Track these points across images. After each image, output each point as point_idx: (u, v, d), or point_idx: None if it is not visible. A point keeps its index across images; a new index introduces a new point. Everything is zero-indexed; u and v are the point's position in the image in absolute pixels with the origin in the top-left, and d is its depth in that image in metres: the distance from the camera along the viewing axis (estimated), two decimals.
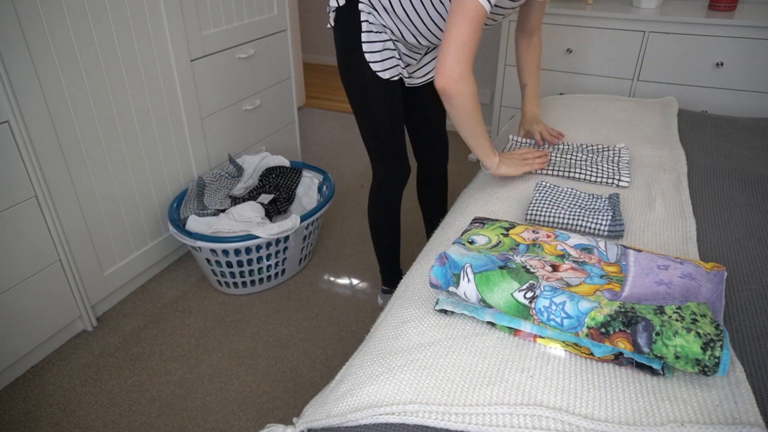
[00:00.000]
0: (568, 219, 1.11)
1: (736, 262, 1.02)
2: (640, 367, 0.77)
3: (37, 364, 1.62)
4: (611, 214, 1.10)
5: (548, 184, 1.25)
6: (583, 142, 1.54)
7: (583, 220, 1.10)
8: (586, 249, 0.94)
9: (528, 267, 0.86)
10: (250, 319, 1.79)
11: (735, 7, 2.24)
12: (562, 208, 1.14)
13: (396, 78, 1.39)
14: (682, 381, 0.74)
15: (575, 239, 0.96)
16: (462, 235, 1.00)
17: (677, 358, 0.70)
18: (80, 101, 1.56)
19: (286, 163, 2.16)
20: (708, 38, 2.15)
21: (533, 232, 0.99)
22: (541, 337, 0.83)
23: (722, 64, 2.17)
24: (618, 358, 0.78)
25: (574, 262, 0.89)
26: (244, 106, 2.24)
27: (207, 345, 1.69)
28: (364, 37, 1.31)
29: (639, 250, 0.93)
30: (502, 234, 0.98)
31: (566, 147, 1.47)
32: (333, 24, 1.37)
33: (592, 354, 0.79)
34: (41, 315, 1.56)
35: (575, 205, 1.16)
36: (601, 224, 1.08)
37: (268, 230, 1.71)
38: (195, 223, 1.81)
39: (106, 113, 1.65)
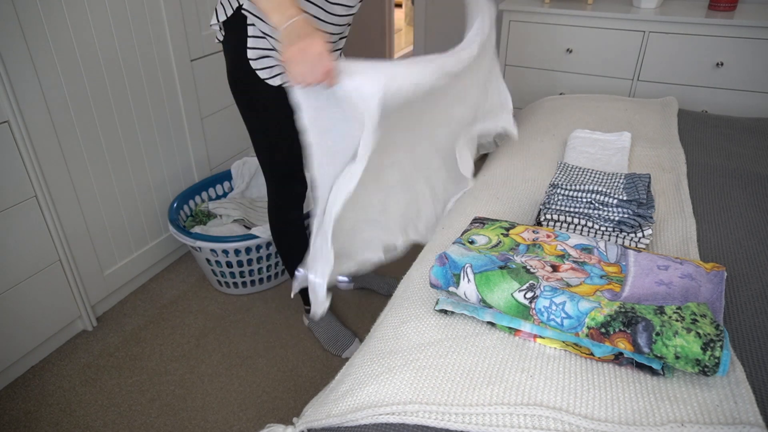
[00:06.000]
0: (584, 208, 1.08)
1: (736, 262, 1.02)
2: (640, 367, 0.77)
3: (37, 364, 1.62)
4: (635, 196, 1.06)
5: (571, 166, 1.21)
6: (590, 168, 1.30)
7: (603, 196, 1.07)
8: (586, 249, 0.94)
9: (528, 267, 0.86)
10: (250, 319, 1.79)
11: (735, 7, 2.24)
12: (579, 200, 1.09)
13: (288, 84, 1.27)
14: (682, 381, 0.74)
15: (575, 239, 0.96)
16: (462, 235, 1.00)
17: (677, 358, 0.70)
18: (80, 101, 1.56)
19: None
20: (708, 38, 2.15)
21: (533, 232, 0.99)
22: (541, 337, 0.83)
23: (722, 64, 2.17)
24: (618, 358, 0.78)
25: (574, 262, 0.89)
26: None
27: (207, 345, 1.69)
28: (250, 42, 1.19)
29: (639, 251, 0.93)
30: (502, 234, 0.98)
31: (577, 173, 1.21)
32: (222, 38, 1.26)
33: (592, 354, 0.79)
34: (41, 315, 1.56)
35: (596, 183, 1.11)
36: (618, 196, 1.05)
37: (268, 230, 1.71)
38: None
39: (106, 113, 1.65)
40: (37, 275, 1.53)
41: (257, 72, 1.22)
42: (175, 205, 1.89)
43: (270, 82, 1.23)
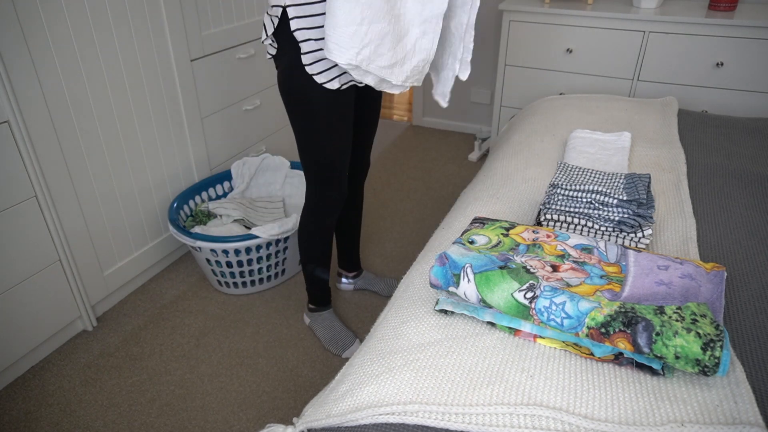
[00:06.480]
0: (585, 208, 1.08)
1: (736, 262, 1.02)
2: (640, 367, 0.77)
3: (37, 364, 1.62)
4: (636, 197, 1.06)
5: (571, 166, 1.21)
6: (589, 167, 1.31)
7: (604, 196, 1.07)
8: (586, 249, 0.94)
9: (528, 267, 0.86)
10: (250, 319, 1.79)
11: (735, 7, 2.24)
12: (579, 200, 1.09)
13: (346, 86, 1.28)
14: (682, 381, 0.74)
15: (575, 239, 0.96)
16: (462, 235, 1.00)
17: (677, 358, 0.70)
18: (80, 101, 1.56)
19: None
20: (708, 38, 2.15)
21: (533, 232, 0.99)
22: (541, 337, 0.83)
23: (722, 64, 2.17)
24: (618, 358, 0.78)
25: (574, 262, 0.89)
26: (244, 106, 2.24)
27: (207, 345, 1.69)
28: (303, 47, 1.19)
29: (639, 251, 0.93)
30: (502, 234, 0.98)
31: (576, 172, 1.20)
32: (274, 53, 1.28)
33: (592, 354, 0.79)
34: (41, 315, 1.56)
35: (596, 183, 1.11)
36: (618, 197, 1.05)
37: (268, 230, 1.71)
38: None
39: (106, 113, 1.65)
40: (37, 275, 1.53)
41: (314, 77, 1.23)
42: (175, 205, 1.89)
43: (328, 86, 1.24)
